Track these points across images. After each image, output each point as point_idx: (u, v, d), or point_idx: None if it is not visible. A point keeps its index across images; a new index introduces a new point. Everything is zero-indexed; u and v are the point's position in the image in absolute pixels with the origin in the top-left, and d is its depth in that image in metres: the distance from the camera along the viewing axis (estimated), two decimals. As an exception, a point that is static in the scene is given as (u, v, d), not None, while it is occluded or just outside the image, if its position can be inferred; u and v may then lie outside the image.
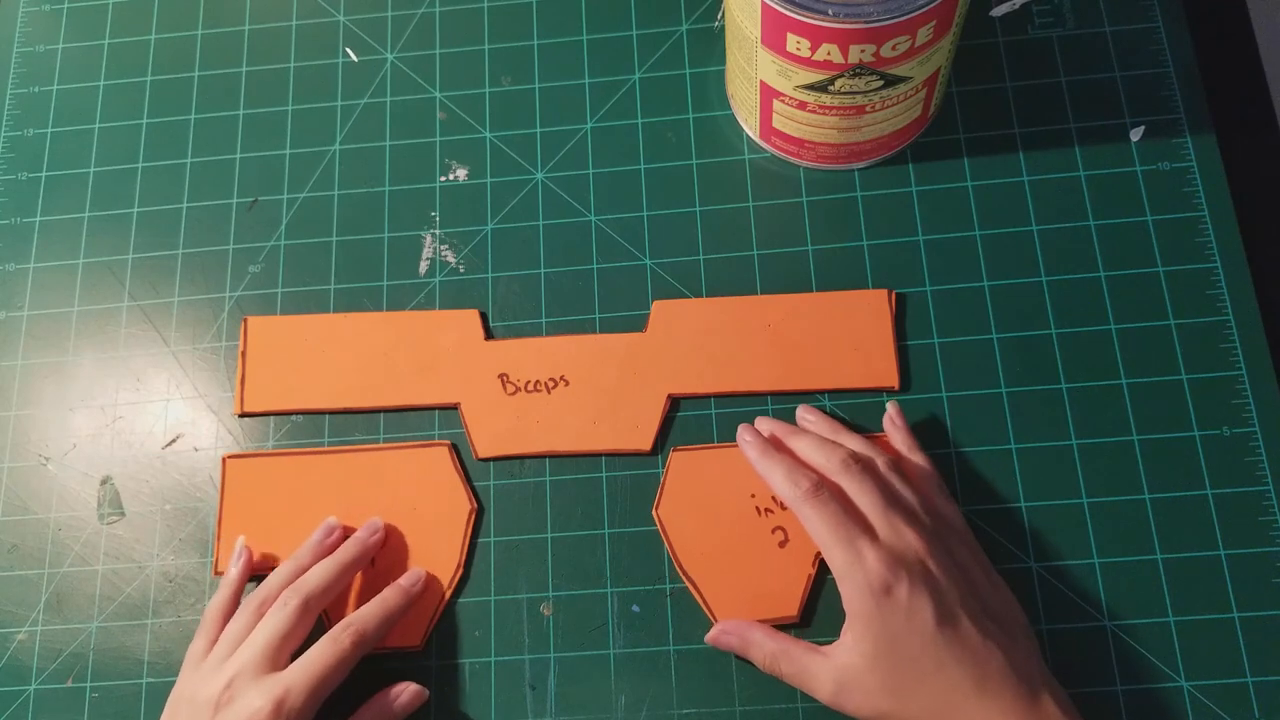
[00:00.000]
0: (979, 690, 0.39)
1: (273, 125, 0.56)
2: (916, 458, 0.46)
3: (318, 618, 0.45)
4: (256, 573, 0.48)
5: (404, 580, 0.46)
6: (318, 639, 0.43)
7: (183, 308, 0.53)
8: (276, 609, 0.43)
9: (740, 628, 0.44)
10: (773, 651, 0.43)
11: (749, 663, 0.44)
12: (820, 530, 0.42)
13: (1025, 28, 0.54)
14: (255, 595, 0.45)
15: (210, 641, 0.44)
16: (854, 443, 0.46)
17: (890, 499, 0.43)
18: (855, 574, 0.41)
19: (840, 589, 0.41)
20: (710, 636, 0.45)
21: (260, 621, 0.43)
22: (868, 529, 0.42)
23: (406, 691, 0.45)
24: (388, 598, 0.45)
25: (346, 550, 0.46)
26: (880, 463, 0.45)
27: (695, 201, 0.53)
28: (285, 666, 0.42)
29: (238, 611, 0.45)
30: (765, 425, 0.47)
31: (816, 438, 0.45)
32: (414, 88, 0.56)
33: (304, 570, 0.45)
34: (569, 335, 0.51)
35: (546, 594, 0.47)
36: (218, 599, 0.46)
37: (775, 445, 0.46)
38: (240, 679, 0.41)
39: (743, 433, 0.46)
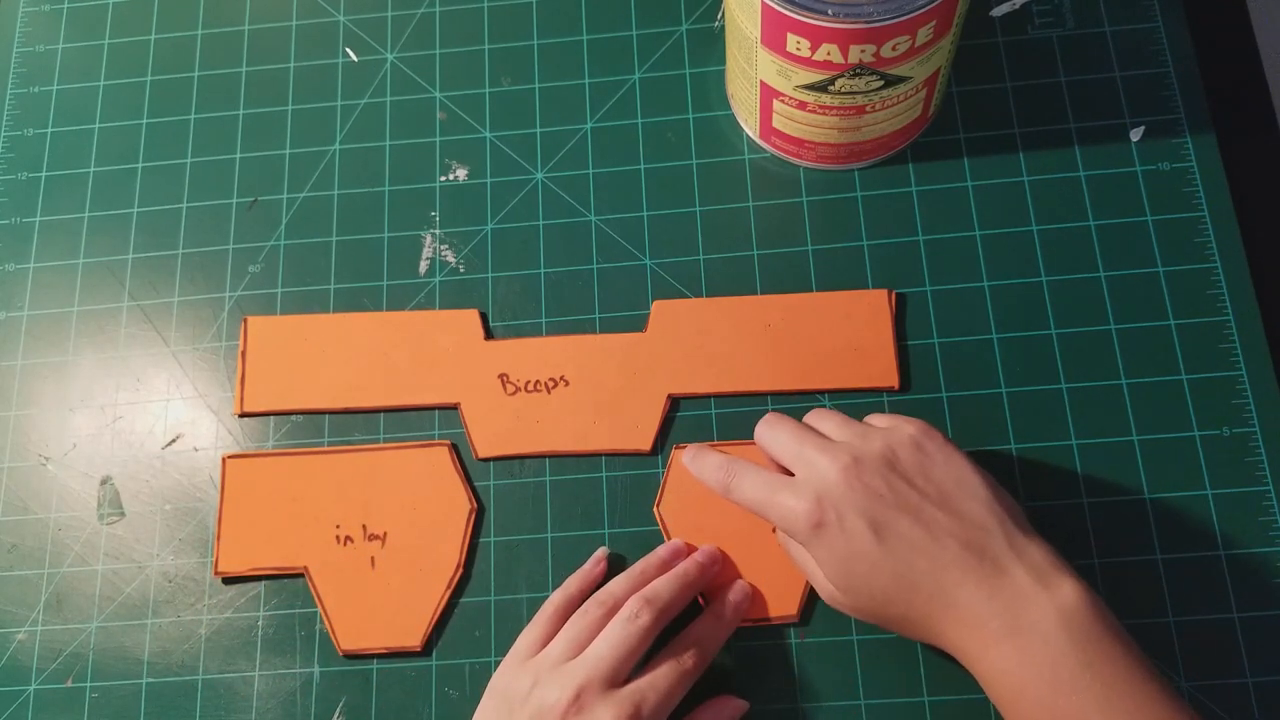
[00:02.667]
0: (940, 592, 0.38)
1: (273, 125, 0.56)
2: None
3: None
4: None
5: (734, 596, 0.45)
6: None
7: (183, 308, 0.53)
8: (626, 620, 0.42)
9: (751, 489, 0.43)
10: (759, 495, 0.42)
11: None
12: (751, 505, 0.42)
13: (1025, 28, 0.54)
14: (601, 600, 0.43)
15: (545, 637, 0.43)
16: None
17: (799, 437, 0.42)
18: (789, 524, 0.41)
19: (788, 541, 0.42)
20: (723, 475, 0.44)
21: (606, 630, 0.42)
22: (787, 479, 0.42)
23: (732, 705, 0.44)
24: (723, 615, 0.45)
25: (690, 571, 0.45)
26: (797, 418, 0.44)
27: (695, 201, 0.53)
28: (625, 683, 0.41)
29: (580, 611, 0.43)
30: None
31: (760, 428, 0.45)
32: (414, 88, 0.56)
33: (647, 581, 0.44)
34: (569, 335, 0.51)
35: (546, 594, 0.47)
36: (562, 596, 0.45)
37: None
38: (589, 692, 0.40)
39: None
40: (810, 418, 0.45)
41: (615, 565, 0.47)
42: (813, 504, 0.40)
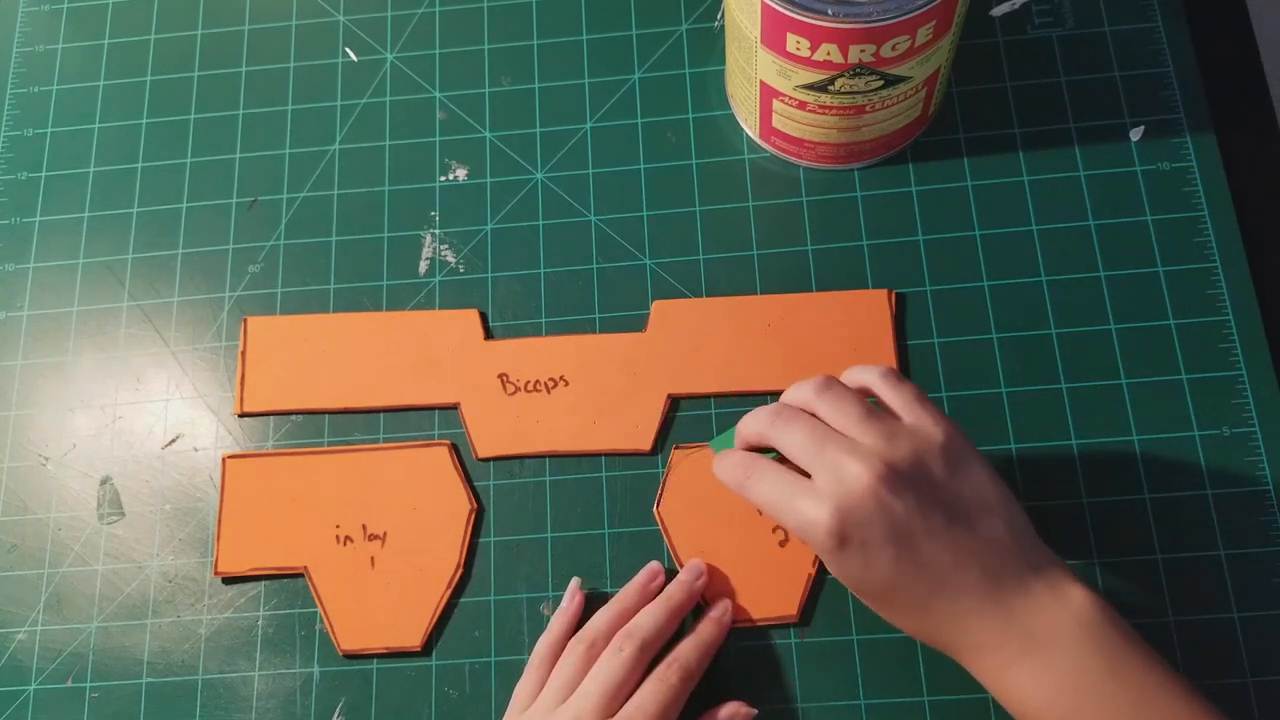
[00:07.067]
0: (956, 618, 0.37)
1: (273, 125, 0.56)
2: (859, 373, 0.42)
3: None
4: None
5: (714, 612, 0.45)
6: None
7: (183, 308, 0.53)
8: (610, 655, 0.42)
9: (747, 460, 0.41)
10: (777, 499, 0.39)
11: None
12: (767, 506, 0.39)
13: (1025, 28, 0.54)
14: (582, 638, 0.43)
15: (538, 684, 0.43)
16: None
17: (820, 437, 0.39)
18: (807, 535, 0.38)
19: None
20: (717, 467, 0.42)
21: (593, 668, 0.42)
22: (808, 484, 0.38)
23: (740, 712, 0.44)
24: (703, 631, 0.44)
25: (674, 595, 0.44)
26: (807, 392, 0.41)
27: (695, 201, 0.53)
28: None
29: (564, 654, 0.43)
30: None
31: (755, 411, 0.42)
32: (414, 88, 0.56)
33: (628, 613, 0.44)
34: (569, 335, 0.51)
35: (546, 594, 0.47)
36: (547, 639, 0.44)
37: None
38: None
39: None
40: (821, 399, 0.40)
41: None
42: (836, 519, 0.37)
